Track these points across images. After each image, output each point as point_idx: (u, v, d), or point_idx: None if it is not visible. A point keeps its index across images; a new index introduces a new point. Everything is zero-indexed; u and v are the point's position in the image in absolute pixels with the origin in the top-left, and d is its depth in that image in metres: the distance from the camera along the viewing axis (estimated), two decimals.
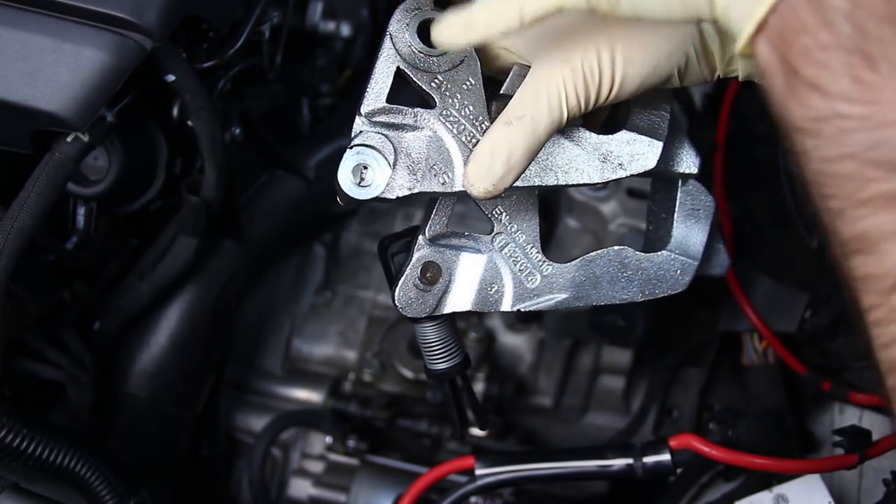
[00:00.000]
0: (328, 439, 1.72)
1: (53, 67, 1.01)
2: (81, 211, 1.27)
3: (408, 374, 1.76)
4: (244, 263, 1.45)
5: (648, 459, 1.13)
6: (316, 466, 1.75)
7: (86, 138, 1.09)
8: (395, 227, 1.91)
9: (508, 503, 1.54)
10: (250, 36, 1.28)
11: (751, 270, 1.65)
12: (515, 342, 1.84)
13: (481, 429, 1.06)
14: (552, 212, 1.85)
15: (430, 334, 0.99)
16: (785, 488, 1.14)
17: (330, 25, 1.65)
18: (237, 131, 1.41)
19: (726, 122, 1.66)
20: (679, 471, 1.18)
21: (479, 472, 1.17)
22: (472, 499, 1.36)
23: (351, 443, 1.68)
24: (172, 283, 1.34)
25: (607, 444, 1.50)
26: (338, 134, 1.59)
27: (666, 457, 1.13)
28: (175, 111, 1.26)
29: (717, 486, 1.31)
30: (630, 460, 1.13)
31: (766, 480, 1.18)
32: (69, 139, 1.08)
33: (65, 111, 1.01)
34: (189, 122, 1.23)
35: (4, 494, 1.04)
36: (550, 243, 1.86)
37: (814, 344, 1.46)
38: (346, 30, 1.67)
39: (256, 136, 1.48)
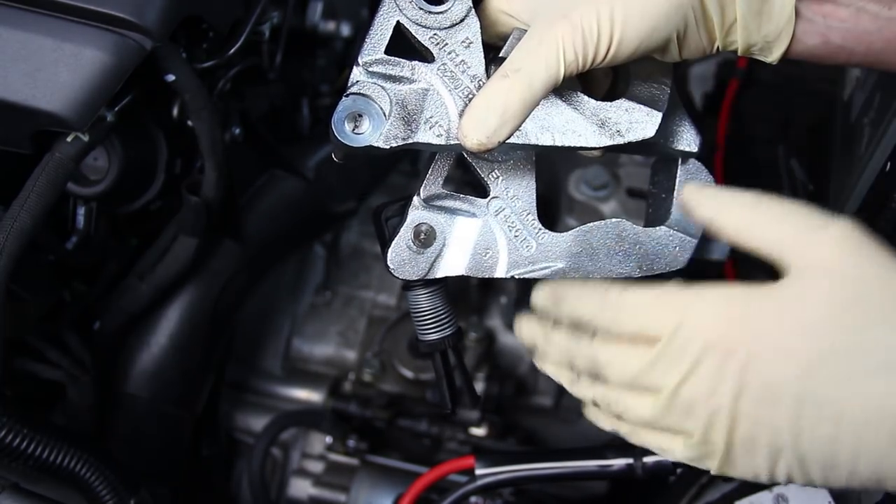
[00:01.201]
0: (328, 439, 1.72)
1: (53, 67, 1.01)
2: (81, 211, 1.27)
3: (408, 374, 1.76)
4: (244, 263, 1.45)
5: (649, 459, 1.13)
6: (316, 466, 1.75)
7: (86, 138, 1.09)
8: None
9: (508, 503, 1.54)
10: (250, 36, 1.28)
11: (751, 270, 1.65)
12: (515, 342, 1.84)
13: (472, 407, 1.05)
14: (552, 211, 1.85)
15: (422, 302, 0.98)
16: (785, 488, 1.14)
17: (330, 25, 1.65)
18: (237, 131, 1.41)
19: (726, 122, 1.66)
20: (679, 471, 1.18)
21: (479, 472, 1.17)
22: (472, 499, 1.36)
23: (351, 443, 1.68)
24: (172, 283, 1.34)
25: (607, 444, 1.50)
26: None
27: None
28: (175, 111, 1.26)
29: (717, 486, 1.31)
30: (630, 460, 1.13)
31: None
32: (69, 139, 1.08)
33: (65, 111, 1.01)
34: (189, 122, 1.23)
35: (4, 494, 1.04)
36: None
37: None
38: (346, 30, 1.67)
39: (256, 136, 1.48)
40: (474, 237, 0.95)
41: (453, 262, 0.95)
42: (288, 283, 1.88)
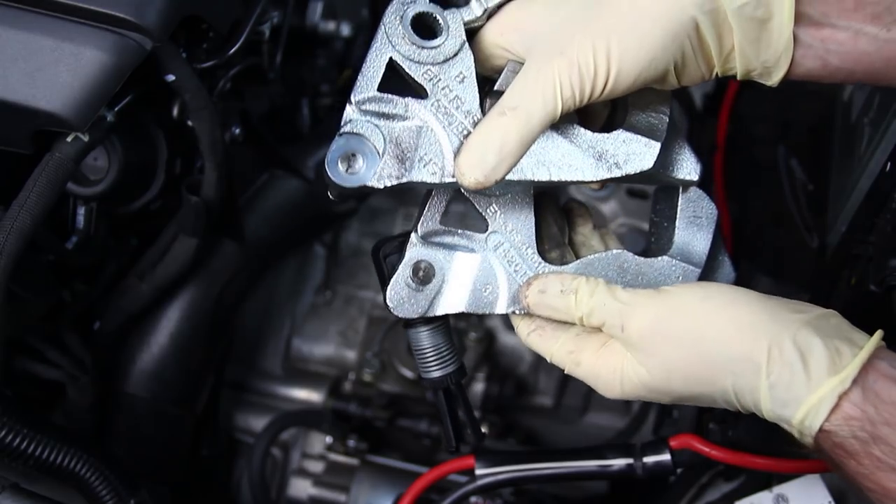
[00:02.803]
0: (328, 439, 1.72)
1: (53, 67, 1.01)
2: (81, 211, 1.27)
3: (408, 373, 1.76)
4: (244, 263, 1.45)
5: (649, 459, 1.13)
6: (316, 466, 1.75)
7: (86, 138, 1.09)
8: (396, 226, 1.91)
9: (508, 503, 1.53)
10: (250, 36, 1.28)
11: (751, 270, 1.65)
12: (515, 342, 1.84)
13: (477, 443, 1.05)
14: None
15: (423, 340, 0.97)
16: (785, 488, 1.14)
17: (330, 25, 1.65)
18: (237, 131, 1.41)
19: (726, 123, 1.66)
20: (679, 471, 1.18)
21: (479, 472, 1.17)
22: (472, 499, 1.36)
23: (351, 443, 1.68)
24: (172, 283, 1.34)
25: (607, 444, 1.50)
26: None
27: (666, 457, 1.13)
28: (175, 111, 1.26)
29: (717, 486, 1.31)
30: (630, 460, 1.13)
31: (766, 480, 1.18)
32: (69, 139, 1.08)
33: (65, 111, 1.01)
34: (189, 122, 1.23)
35: (4, 494, 1.04)
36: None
37: None
38: (346, 30, 1.67)
39: (256, 136, 1.48)
40: (474, 273, 0.94)
41: (453, 299, 0.94)
42: (288, 283, 1.88)
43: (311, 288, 1.89)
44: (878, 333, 0.80)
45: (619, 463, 1.14)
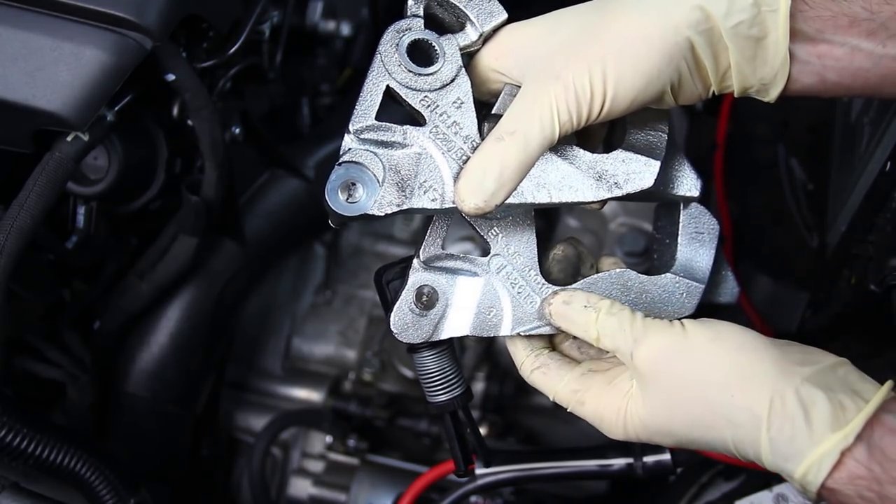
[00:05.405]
0: (328, 439, 1.72)
1: (53, 67, 1.01)
2: (81, 210, 1.27)
3: (408, 373, 1.76)
4: (244, 263, 1.45)
5: (649, 459, 1.13)
6: (316, 466, 1.75)
7: (86, 137, 1.09)
8: (395, 226, 1.91)
9: (509, 502, 1.53)
10: (250, 35, 1.28)
11: (751, 270, 1.65)
12: None
13: (485, 466, 1.05)
14: (552, 211, 1.85)
15: (428, 364, 0.97)
16: (785, 487, 1.14)
17: (330, 25, 1.65)
18: (237, 131, 1.41)
19: (726, 122, 1.66)
20: (679, 470, 1.18)
21: (479, 471, 1.17)
22: (473, 498, 1.36)
23: (351, 442, 1.68)
24: (172, 283, 1.34)
25: (608, 443, 1.50)
26: (338, 133, 1.59)
27: (666, 456, 1.13)
28: (175, 111, 1.26)
29: (717, 486, 1.31)
30: (630, 460, 1.14)
31: (765, 480, 1.18)
32: (69, 138, 1.08)
33: (65, 110, 1.01)
34: (189, 122, 1.23)
35: (4, 494, 1.04)
36: (551, 242, 1.86)
37: (814, 344, 1.45)
38: (346, 29, 1.67)
39: (256, 135, 1.48)
40: (477, 296, 0.94)
41: (457, 323, 0.94)
42: (288, 283, 1.88)
43: (311, 288, 1.89)
44: (888, 385, 0.78)
45: (619, 462, 1.14)
